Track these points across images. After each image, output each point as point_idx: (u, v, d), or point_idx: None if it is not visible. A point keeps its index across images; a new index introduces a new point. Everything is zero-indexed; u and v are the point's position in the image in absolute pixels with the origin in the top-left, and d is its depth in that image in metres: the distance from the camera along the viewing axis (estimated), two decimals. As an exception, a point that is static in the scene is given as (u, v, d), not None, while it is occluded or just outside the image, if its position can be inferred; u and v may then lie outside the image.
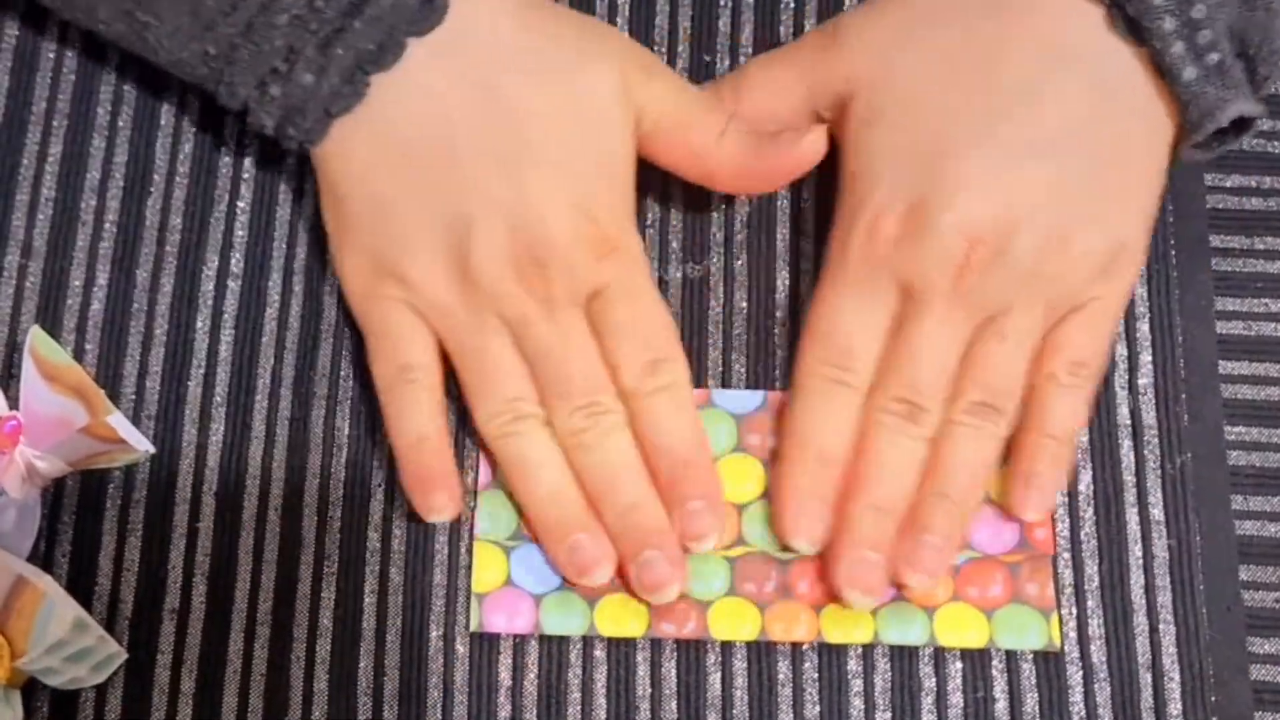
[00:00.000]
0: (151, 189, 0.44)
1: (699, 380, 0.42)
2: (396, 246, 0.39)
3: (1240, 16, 0.36)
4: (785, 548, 0.39)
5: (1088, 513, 0.40)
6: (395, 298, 0.39)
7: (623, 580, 0.39)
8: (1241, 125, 0.38)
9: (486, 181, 0.38)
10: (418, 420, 0.39)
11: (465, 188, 0.38)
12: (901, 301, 0.38)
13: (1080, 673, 0.39)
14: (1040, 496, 0.39)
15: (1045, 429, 0.39)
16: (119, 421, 0.38)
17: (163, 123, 0.44)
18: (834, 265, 0.39)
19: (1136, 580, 0.40)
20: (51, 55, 0.45)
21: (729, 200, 0.43)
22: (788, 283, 0.42)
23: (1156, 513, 0.40)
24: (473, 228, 0.38)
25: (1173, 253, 0.43)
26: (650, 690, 0.39)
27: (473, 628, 0.39)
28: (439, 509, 0.39)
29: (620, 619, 0.39)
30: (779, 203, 0.43)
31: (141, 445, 0.39)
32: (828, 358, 0.39)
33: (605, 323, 0.39)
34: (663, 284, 0.42)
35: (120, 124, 0.44)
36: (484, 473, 0.41)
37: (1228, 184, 0.43)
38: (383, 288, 0.39)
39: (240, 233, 0.43)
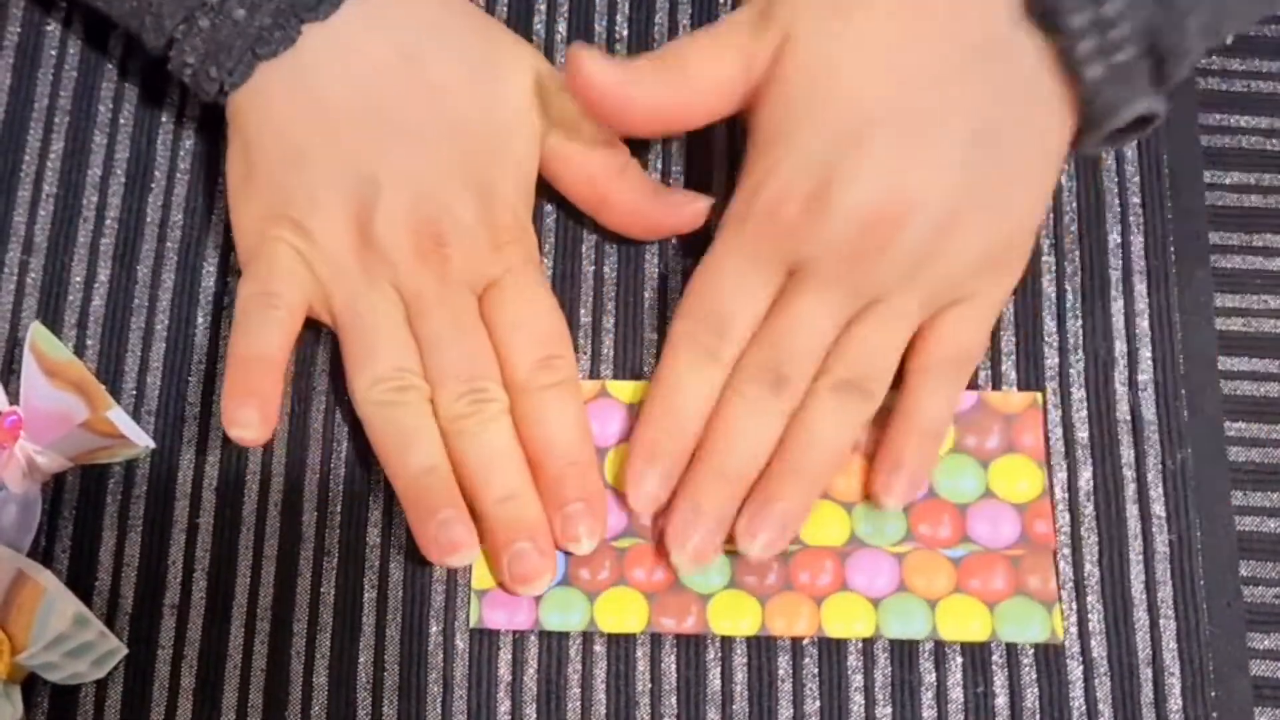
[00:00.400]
0: (153, 185, 0.44)
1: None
2: (301, 197, 0.39)
3: (1154, 15, 0.35)
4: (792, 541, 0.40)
5: (1088, 508, 0.40)
6: (287, 241, 0.39)
7: (623, 573, 0.39)
8: (1142, 122, 0.37)
9: (401, 150, 0.39)
10: (264, 338, 0.38)
11: (379, 152, 0.38)
12: (784, 281, 0.38)
13: (1080, 667, 0.39)
14: (903, 488, 0.39)
15: (914, 422, 0.39)
16: (119, 417, 0.38)
17: (164, 119, 0.44)
18: (729, 235, 0.39)
19: (1137, 575, 0.40)
20: (54, 53, 0.45)
21: (729, 195, 0.43)
22: (787, 278, 0.42)
23: (1157, 508, 0.40)
24: (380, 192, 0.38)
25: (1172, 249, 0.43)
26: (650, 685, 0.39)
27: (472, 624, 0.39)
28: (244, 423, 0.37)
29: (620, 614, 0.39)
30: (779, 199, 0.43)
31: (142, 440, 0.39)
32: (702, 327, 0.39)
33: (499, 315, 0.39)
34: (663, 279, 0.43)
35: (122, 120, 0.44)
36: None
37: (1227, 181, 0.44)
38: (276, 230, 0.39)
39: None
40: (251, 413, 0.38)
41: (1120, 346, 0.42)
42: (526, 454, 0.39)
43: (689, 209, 0.41)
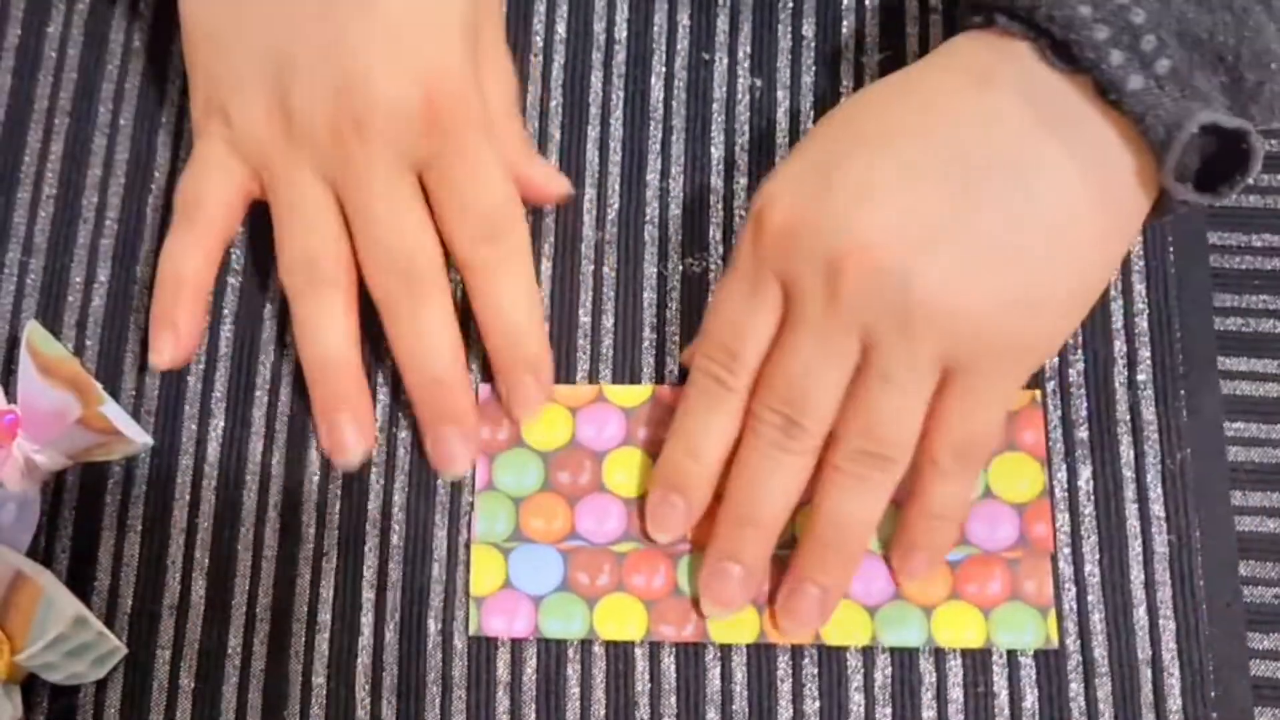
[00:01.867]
0: (152, 186, 0.44)
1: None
2: (225, 83, 0.39)
3: (1196, 21, 0.33)
4: (783, 545, 0.39)
5: (1088, 508, 0.40)
6: (215, 134, 0.39)
7: (623, 579, 0.39)
8: (1241, 157, 0.33)
9: (316, 26, 0.37)
10: (183, 259, 0.39)
11: (294, 29, 0.37)
12: (785, 305, 0.37)
13: (1080, 668, 0.39)
14: (920, 567, 0.39)
15: (926, 510, 0.38)
16: (113, 412, 0.38)
17: (164, 120, 0.44)
18: (731, 259, 0.38)
19: (1136, 576, 0.40)
20: (53, 55, 0.45)
21: (728, 195, 0.43)
22: (787, 279, 0.42)
23: (1156, 508, 0.40)
24: (297, 72, 0.37)
25: (1171, 249, 0.43)
26: (649, 686, 0.39)
27: (471, 631, 0.39)
28: (158, 349, 0.40)
29: (620, 622, 0.39)
30: (778, 200, 0.43)
31: (139, 437, 0.39)
32: (712, 354, 0.38)
33: (439, 194, 0.38)
34: (662, 279, 0.43)
35: (121, 122, 0.44)
36: (481, 475, 0.41)
37: (1226, 181, 0.44)
38: (207, 123, 0.39)
39: (239, 228, 0.43)
40: (165, 339, 0.39)
41: (1119, 346, 0.42)
42: (480, 331, 0.39)
43: (554, 182, 0.42)
